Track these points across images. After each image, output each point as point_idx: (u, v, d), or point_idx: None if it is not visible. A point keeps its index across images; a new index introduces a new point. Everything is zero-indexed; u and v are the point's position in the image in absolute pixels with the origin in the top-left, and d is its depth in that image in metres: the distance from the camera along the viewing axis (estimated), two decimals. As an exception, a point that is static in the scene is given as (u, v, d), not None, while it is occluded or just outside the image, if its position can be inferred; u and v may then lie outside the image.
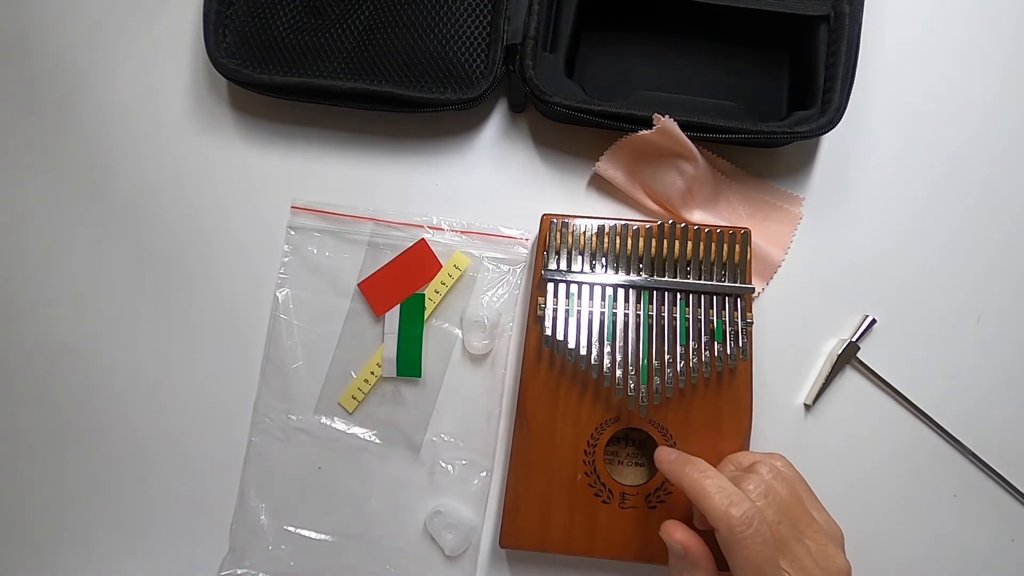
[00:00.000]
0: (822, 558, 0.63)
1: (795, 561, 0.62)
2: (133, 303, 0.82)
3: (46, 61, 0.85)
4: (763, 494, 0.64)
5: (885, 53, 0.84)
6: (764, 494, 0.64)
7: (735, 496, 0.62)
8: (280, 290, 0.81)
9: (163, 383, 0.81)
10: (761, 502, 0.63)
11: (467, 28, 0.79)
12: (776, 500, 0.64)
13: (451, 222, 0.82)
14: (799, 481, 0.69)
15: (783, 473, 0.68)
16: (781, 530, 0.62)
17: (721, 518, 0.61)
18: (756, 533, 0.60)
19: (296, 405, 0.80)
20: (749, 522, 0.60)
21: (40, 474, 0.81)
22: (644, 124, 0.77)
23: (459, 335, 0.81)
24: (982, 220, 0.82)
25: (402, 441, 0.80)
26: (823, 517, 0.68)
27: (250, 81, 0.80)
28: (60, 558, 0.80)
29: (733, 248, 0.75)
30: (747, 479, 0.65)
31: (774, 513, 0.63)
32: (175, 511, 0.80)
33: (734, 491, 0.62)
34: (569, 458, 0.74)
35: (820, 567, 0.62)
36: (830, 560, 0.64)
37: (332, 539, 0.78)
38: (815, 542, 0.64)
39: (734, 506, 0.61)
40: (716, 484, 0.63)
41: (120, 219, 0.83)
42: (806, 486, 0.69)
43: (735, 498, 0.61)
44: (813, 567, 0.62)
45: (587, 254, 0.75)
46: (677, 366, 0.72)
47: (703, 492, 0.63)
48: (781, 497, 0.65)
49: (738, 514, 0.60)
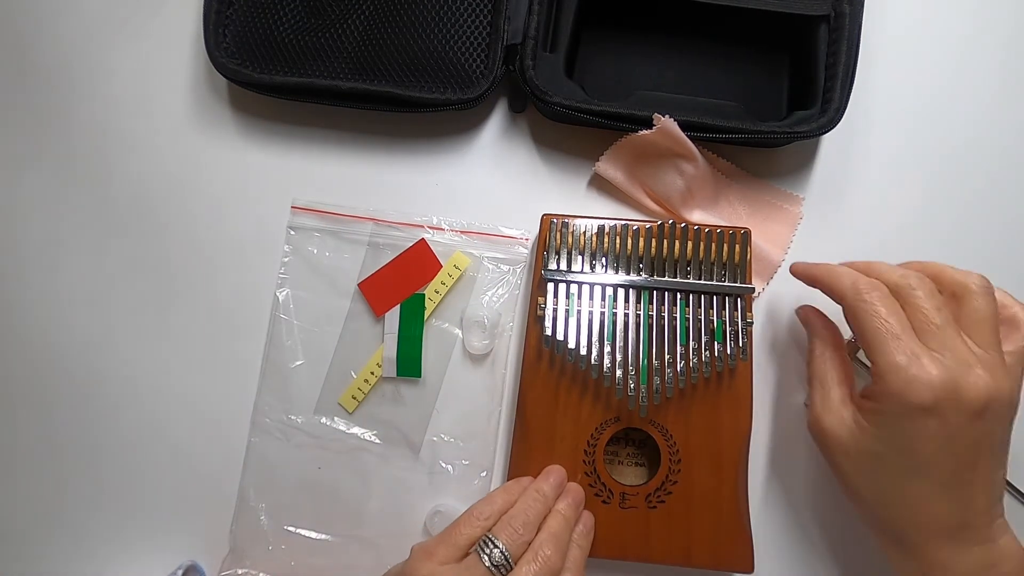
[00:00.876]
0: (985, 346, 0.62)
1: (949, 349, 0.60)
2: (132, 304, 0.82)
3: (46, 61, 0.85)
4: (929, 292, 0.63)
5: (885, 53, 0.84)
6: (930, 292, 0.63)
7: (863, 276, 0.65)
8: (280, 290, 0.82)
9: (162, 384, 0.81)
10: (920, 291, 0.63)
11: (467, 28, 0.79)
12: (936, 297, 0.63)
13: (451, 222, 0.82)
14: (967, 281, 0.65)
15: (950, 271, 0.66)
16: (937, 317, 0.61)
17: (848, 288, 0.63)
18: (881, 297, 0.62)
19: (296, 405, 0.80)
20: (873, 286, 0.62)
21: (39, 475, 0.81)
22: (644, 124, 0.77)
23: (459, 335, 0.81)
24: (982, 220, 0.82)
25: (402, 441, 0.80)
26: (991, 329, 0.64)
27: (250, 81, 0.80)
28: (59, 559, 0.80)
29: (733, 248, 0.75)
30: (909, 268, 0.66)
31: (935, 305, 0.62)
32: (175, 512, 0.80)
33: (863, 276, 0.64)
34: (569, 458, 0.74)
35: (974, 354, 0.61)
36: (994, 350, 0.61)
37: (332, 539, 0.78)
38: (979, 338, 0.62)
39: (861, 280, 0.63)
40: (848, 270, 0.67)
41: (119, 219, 0.83)
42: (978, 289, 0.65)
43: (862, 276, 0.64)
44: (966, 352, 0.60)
45: (587, 254, 0.75)
46: (677, 366, 0.72)
47: (833, 273, 0.66)
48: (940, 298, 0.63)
49: (863, 282, 0.63)
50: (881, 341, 0.61)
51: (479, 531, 0.65)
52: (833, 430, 0.65)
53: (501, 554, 0.62)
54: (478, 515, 0.66)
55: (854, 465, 0.65)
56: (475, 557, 0.62)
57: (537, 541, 0.64)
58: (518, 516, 0.66)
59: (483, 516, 0.66)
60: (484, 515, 0.66)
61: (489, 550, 0.62)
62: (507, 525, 0.65)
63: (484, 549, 0.62)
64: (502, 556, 0.62)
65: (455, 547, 0.64)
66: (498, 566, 0.62)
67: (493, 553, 0.62)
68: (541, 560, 0.62)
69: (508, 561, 0.62)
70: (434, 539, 0.65)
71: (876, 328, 0.61)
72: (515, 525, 0.65)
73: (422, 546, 0.65)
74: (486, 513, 0.67)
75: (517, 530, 0.64)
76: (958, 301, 0.64)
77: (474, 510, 0.67)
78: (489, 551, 0.62)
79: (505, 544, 0.63)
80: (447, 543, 0.64)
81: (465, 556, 0.64)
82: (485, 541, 0.63)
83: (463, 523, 0.66)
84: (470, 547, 0.64)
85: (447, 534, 0.65)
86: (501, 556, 0.62)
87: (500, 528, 0.64)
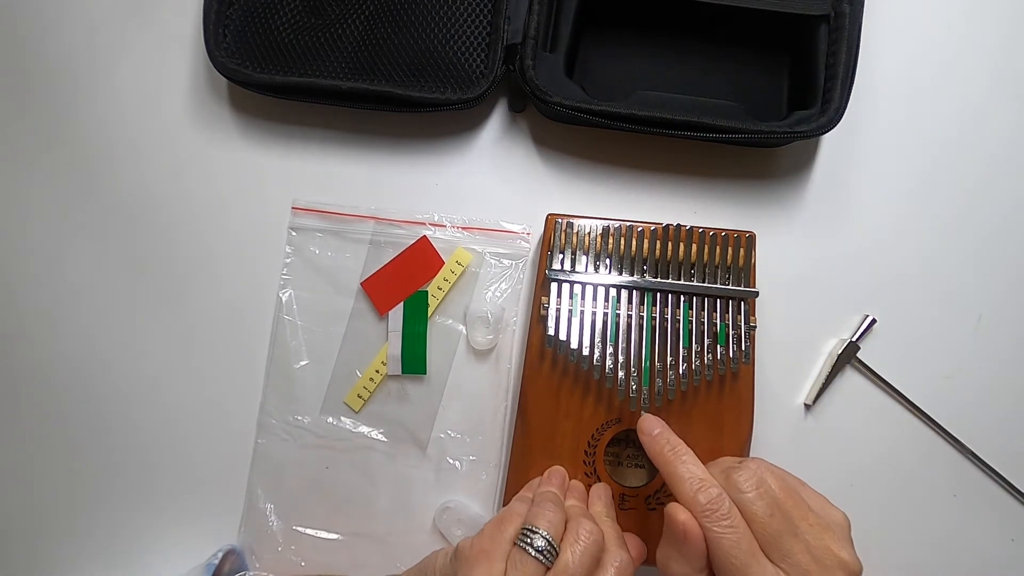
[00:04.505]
0: (822, 554, 0.60)
1: (789, 556, 0.59)
2: (134, 307, 0.83)
3: (46, 61, 0.85)
4: (755, 485, 0.61)
5: (885, 53, 0.84)
6: (756, 485, 0.61)
7: (706, 483, 0.61)
8: (283, 291, 0.82)
9: (168, 388, 0.82)
10: (752, 493, 0.61)
11: (467, 28, 0.79)
12: (768, 493, 0.61)
13: (452, 218, 0.82)
14: (789, 475, 0.67)
15: (772, 469, 0.65)
16: (773, 523, 0.60)
17: (690, 502, 0.61)
18: (722, 518, 0.59)
19: (302, 405, 0.81)
20: (715, 507, 0.59)
21: (47, 478, 0.81)
22: (644, 124, 0.77)
23: (463, 331, 0.82)
24: (982, 220, 0.83)
25: (409, 438, 0.81)
26: (820, 505, 0.65)
27: (250, 81, 0.80)
28: (68, 562, 0.81)
29: (738, 251, 0.75)
30: (739, 471, 0.63)
31: (765, 506, 0.60)
32: (183, 515, 0.81)
33: (706, 478, 0.62)
34: (570, 458, 0.75)
35: (819, 563, 0.60)
36: (830, 555, 0.60)
37: (341, 538, 0.79)
38: (813, 537, 0.61)
39: (701, 492, 0.61)
40: (689, 469, 0.63)
41: (120, 221, 0.83)
42: (798, 480, 0.67)
43: (705, 484, 0.61)
44: (809, 563, 0.59)
45: (591, 254, 0.75)
46: (680, 368, 0.73)
47: (674, 476, 0.63)
48: (773, 490, 0.62)
49: (704, 500, 0.60)
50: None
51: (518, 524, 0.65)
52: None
53: (543, 539, 0.62)
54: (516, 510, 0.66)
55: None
56: (519, 551, 0.61)
57: (572, 523, 0.64)
58: (544, 502, 0.66)
59: (519, 512, 0.66)
60: (519, 511, 0.66)
61: (530, 539, 0.62)
62: (538, 512, 0.64)
63: (524, 540, 0.62)
64: (544, 541, 0.61)
65: (507, 542, 0.63)
66: (543, 552, 0.61)
67: (535, 541, 0.61)
68: (584, 536, 0.62)
69: (553, 546, 0.62)
70: (484, 539, 0.64)
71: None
72: (545, 509, 0.64)
73: (471, 547, 0.64)
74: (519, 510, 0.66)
75: (548, 515, 0.64)
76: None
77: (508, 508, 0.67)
78: (530, 540, 0.62)
79: (545, 529, 0.62)
80: (497, 539, 0.63)
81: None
82: (524, 532, 0.62)
83: (506, 520, 0.65)
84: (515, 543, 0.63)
85: (496, 529, 0.64)
86: (544, 541, 0.61)
87: (533, 517, 0.64)
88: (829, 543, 0.61)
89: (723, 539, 0.59)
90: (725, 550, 0.58)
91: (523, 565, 0.60)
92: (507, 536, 0.63)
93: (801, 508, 0.62)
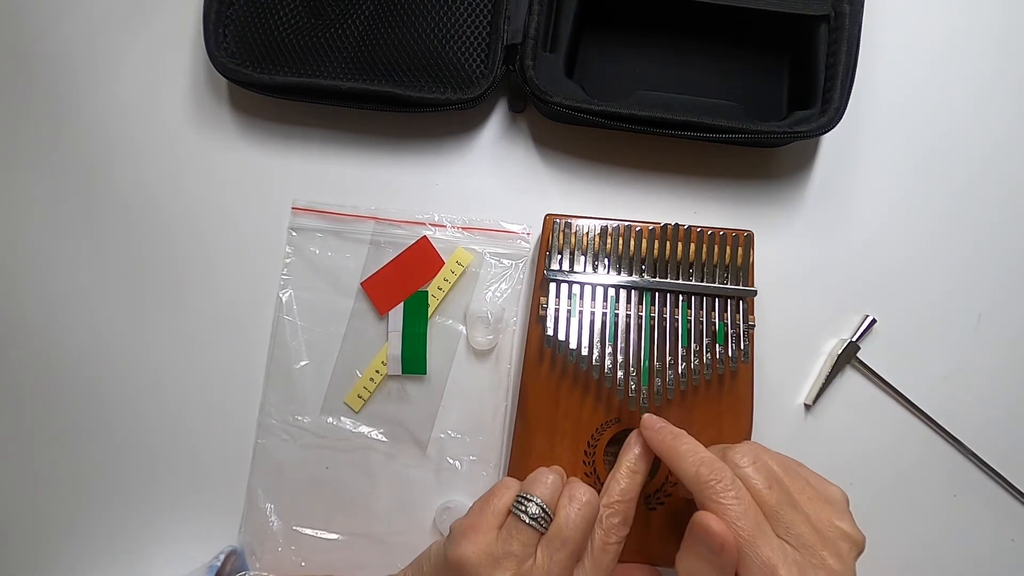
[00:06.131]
0: (823, 525, 0.61)
1: (791, 527, 0.59)
2: (134, 307, 0.82)
3: (46, 61, 0.85)
4: (751, 460, 0.62)
5: (885, 53, 0.84)
6: (752, 460, 0.62)
7: (706, 458, 0.62)
8: (283, 291, 0.82)
9: (168, 388, 0.82)
10: (749, 467, 0.61)
11: (467, 28, 0.79)
12: (765, 467, 0.62)
13: (452, 219, 0.82)
14: (785, 456, 0.66)
15: (767, 449, 0.65)
16: (772, 495, 0.60)
17: (692, 478, 0.61)
18: (726, 489, 0.59)
19: (302, 405, 0.81)
20: (718, 478, 0.60)
21: (47, 478, 0.81)
22: (644, 124, 0.77)
23: (463, 331, 0.82)
24: (982, 219, 0.83)
25: (409, 438, 0.81)
26: (818, 481, 0.65)
27: (250, 81, 0.80)
28: (68, 562, 0.81)
29: (736, 250, 0.75)
30: (734, 448, 0.64)
31: (764, 479, 0.61)
32: (184, 515, 0.81)
33: (706, 454, 0.62)
34: (570, 458, 0.75)
35: (821, 534, 0.60)
36: (832, 527, 0.61)
37: (342, 538, 0.79)
38: (813, 510, 0.61)
39: (703, 466, 0.61)
40: (689, 448, 0.63)
41: (120, 221, 0.83)
42: (794, 460, 0.67)
43: (705, 459, 0.62)
44: (811, 534, 0.59)
45: (590, 254, 0.75)
46: (679, 368, 0.73)
47: (676, 454, 0.63)
48: (770, 465, 0.63)
49: (707, 472, 0.60)
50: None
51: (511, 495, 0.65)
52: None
53: (537, 506, 0.62)
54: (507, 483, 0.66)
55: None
56: (514, 519, 0.62)
57: (567, 487, 0.64)
58: (540, 473, 0.65)
59: (510, 485, 0.66)
60: (510, 484, 0.66)
61: (524, 506, 0.62)
62: (534, 481, 0.64)
63: (519, 507, 0.62)
64: (539, 508, 0.62)
65: (495, 514, 0.63)
66: (537, 519, 0.61)
67: (529, 508, 0.62)
68: (580, 495, 0.62)
69: (547, 512, 0.62)
70: (472, 515, 0.64)
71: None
72: (540, 478, 0.64)
73: (460, 523, 0.64)
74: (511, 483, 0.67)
75: (544, 482, 0.64)
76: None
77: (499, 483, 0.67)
78: (524, 507, 0.62)
79: (540, 496, 0.62)
80: (485, 512, 0.64)
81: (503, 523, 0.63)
82: (519, 500, 0.63)
83: (495, 494, 0.65)
84: (507, 514, 0.63)
85: (484, 503, 0.65)
86: (538, 508, 0.62)
87: (528, 484, 0.64)
88: (830, 515, 0.62)
89: (728, 510, 0.58)
90: (730, 522, 0.58)
91: (518, 533, 0.61)
92: (498, 508, 0.64)
93: (799, 482, 0.63)
